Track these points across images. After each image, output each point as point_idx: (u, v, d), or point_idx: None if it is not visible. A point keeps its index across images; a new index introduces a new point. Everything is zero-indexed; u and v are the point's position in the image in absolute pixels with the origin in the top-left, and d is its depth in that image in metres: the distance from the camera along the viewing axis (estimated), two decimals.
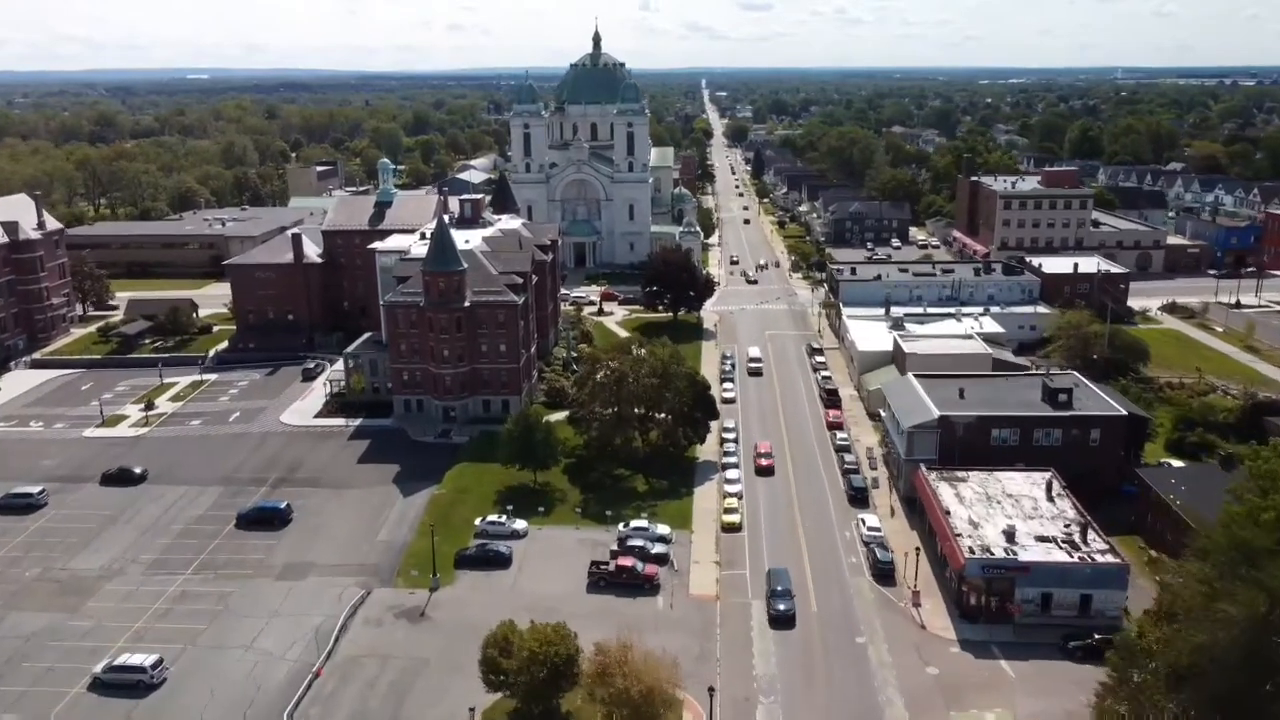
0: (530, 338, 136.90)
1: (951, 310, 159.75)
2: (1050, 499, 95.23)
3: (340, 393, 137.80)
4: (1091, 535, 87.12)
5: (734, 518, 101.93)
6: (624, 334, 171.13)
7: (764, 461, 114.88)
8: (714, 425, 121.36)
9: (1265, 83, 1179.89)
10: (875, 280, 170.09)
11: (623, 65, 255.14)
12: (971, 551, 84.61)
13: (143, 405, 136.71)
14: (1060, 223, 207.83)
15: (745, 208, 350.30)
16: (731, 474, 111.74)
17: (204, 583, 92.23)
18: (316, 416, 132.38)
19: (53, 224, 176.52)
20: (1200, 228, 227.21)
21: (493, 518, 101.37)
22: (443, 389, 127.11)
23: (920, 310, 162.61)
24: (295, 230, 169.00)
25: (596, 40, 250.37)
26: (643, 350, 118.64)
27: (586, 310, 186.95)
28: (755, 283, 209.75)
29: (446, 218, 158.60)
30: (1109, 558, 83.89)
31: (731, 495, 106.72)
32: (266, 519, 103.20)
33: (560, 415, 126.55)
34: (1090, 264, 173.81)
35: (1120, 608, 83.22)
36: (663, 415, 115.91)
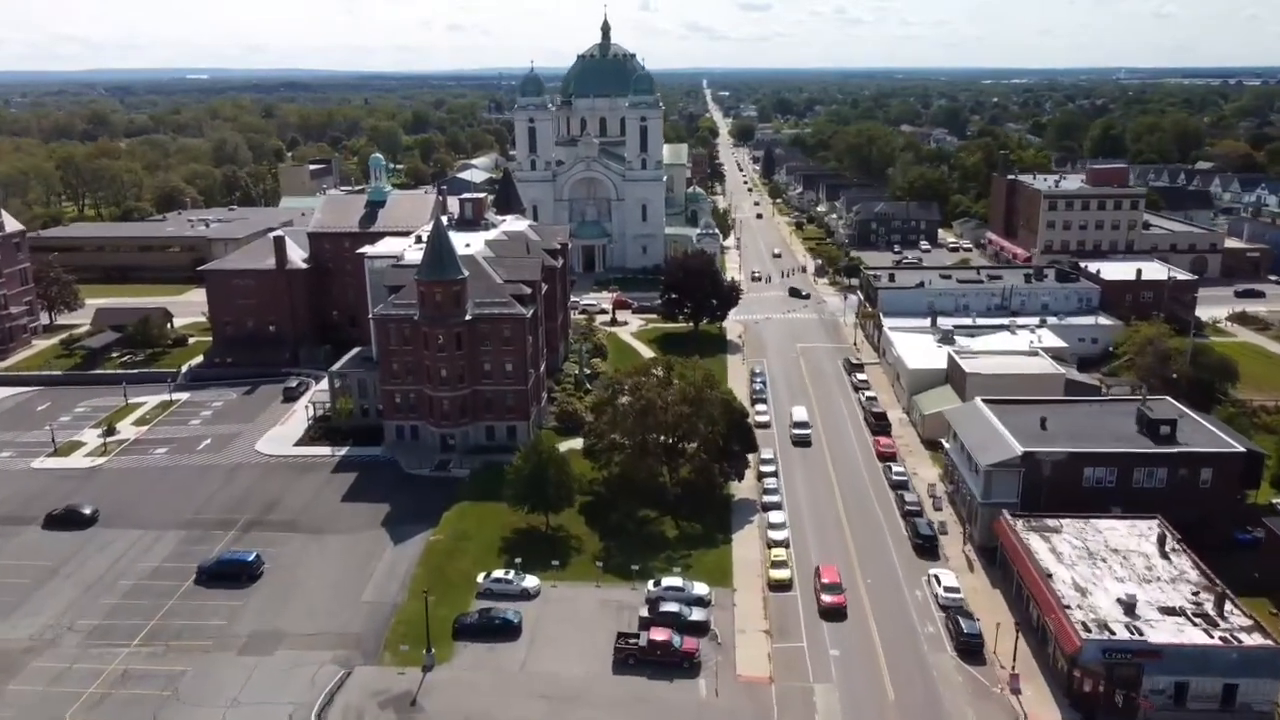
0: (539, 354, 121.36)
1: (1004, 321, 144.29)
2: (1164, 555, 79.72)
3: (325, 416, 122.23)
4: (1229, 606, 71.57)
5: (783, 573, 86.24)
6: (640, 346, 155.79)
7: (831, 600, 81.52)
8: (750, 458, 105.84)
9: (1270, 82, 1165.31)
10: (918, 288, 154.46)
11: (633, 56, 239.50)
12: (1087, 629, 68.96)
13: (102, 430, 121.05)
14: (1110, 224, 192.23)
15: (756, 204, 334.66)
16: (775, 516, 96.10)
17: (151, 659, 76.49)
18: (297, 444, 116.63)
19: (13, 225, 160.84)
20: (1259, 230, 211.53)
21: (498, 574, 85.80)
22: (440, 414, 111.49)
23: (969, 321, 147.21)
24: (278, 233, 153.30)
25: (605, 30, 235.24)
26: (669, 371, 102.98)
27: (598, 320, 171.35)
28: (807, 296, 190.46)
29: (445, 219, 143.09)
30: (1257, 638, 68.30)
31: (778, 544, 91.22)
32: (232, 573, 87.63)
33: (574, 443, 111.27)
34: (1156, 270, 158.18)
35: (1271, 701, 67.74)
36: (694, 446, 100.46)
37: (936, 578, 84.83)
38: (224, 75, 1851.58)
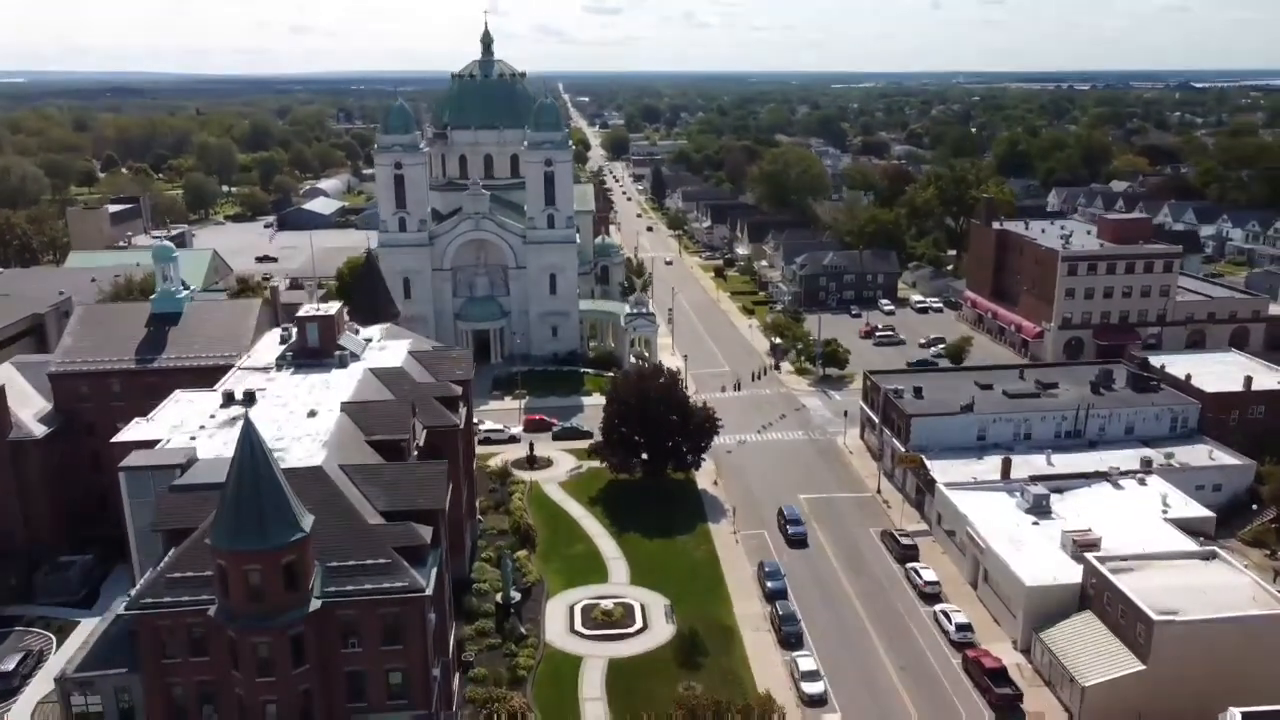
0: (446, 635, 71.23)
1: (1099, 467, 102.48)
2: None
3: None
4: None
5: None
6: (578, 512, 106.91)
7: None
8: None
9: (1099, 86, 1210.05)
10: (964, 413, 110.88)
11: (523, 75, 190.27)
12: None
13: None
14: (1139, 291, 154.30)
15: (648, 227, 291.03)
16: None
17: None
18: None
19: None
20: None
21: None
22: None
23: (1042, 460, 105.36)
24: None
25: (487, 43, 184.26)
26: None
27: (507, 453, 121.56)
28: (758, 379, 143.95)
29: (277, 348, 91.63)
30: None
31: None
32: None
33: None
34: (1256, 371, 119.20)
35: None
36: None
37: None
38: (42, 79, 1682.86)
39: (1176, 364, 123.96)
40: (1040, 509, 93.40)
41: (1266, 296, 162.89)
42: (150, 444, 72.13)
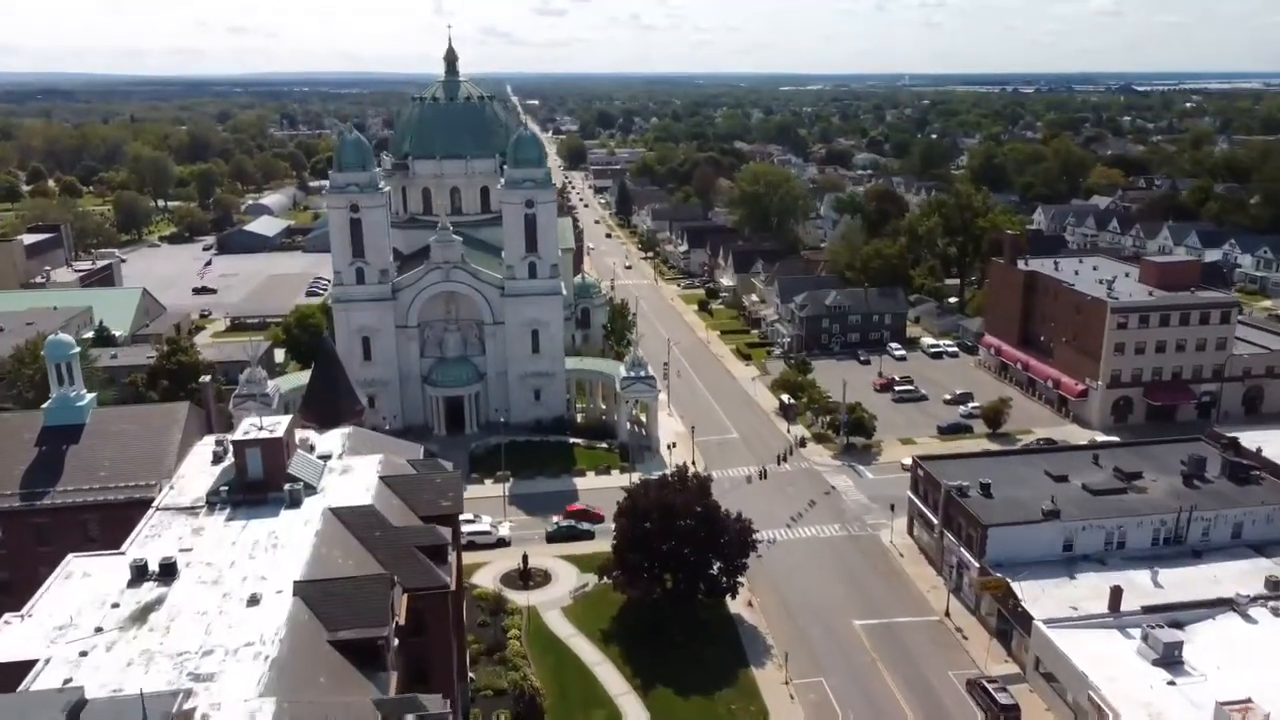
0: None
1: (1224, 594, 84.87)
2: None
3: None
4: None
5: None
6: (590, 655, 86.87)
7: None
8: None
9: (1042, 89, 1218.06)
10: (1049, 520, 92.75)
11: (492, 99, 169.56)
12: None
13: None
14: (1194, 344, 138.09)
15: (606, 233, 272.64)
16: None
17: None
18: None
19: None
20: None
21: None
22: None
23: (1149, 582, 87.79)
24: None
25: (451, 61, 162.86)
26: None
27: (498, 563, 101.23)
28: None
29: (209, 471, 70.15)
30: None
31: None
32: None
33: None
34: None
35: None
36: None
37: None
38: None
39: (1271, 443, 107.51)
40: (1171, 660, 75.59)
41: None
42: (21, 669, 50.62)
